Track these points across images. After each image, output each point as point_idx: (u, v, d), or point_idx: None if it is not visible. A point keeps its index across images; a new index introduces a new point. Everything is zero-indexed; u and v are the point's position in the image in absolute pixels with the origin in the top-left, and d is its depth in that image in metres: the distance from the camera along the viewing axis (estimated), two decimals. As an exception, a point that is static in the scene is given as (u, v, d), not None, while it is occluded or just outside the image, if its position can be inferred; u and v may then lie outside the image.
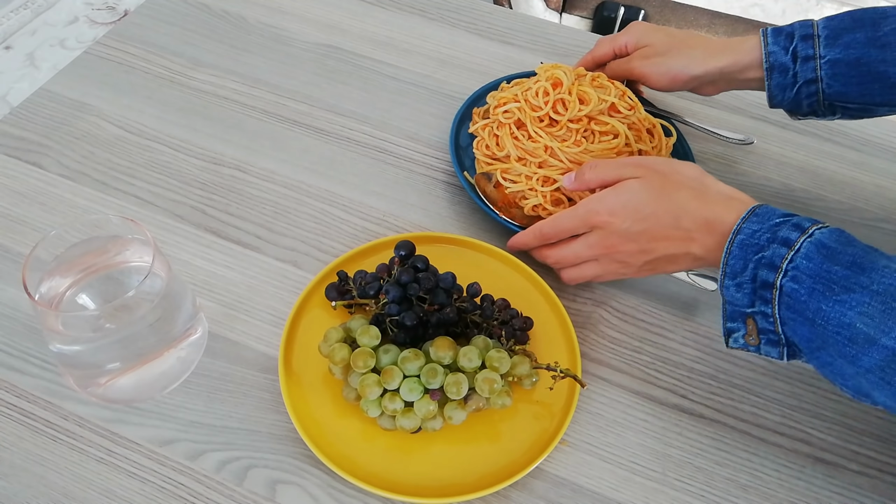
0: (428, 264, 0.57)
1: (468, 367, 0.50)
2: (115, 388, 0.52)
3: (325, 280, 0.59)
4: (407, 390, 0.50)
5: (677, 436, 0.55)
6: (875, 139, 0.78)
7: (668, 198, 0.52)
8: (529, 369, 0.52)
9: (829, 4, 1.40)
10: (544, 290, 0.60)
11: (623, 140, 0.65)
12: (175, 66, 0.79)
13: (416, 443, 0.53)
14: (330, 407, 0.54)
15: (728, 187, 0.52)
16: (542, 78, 0.69)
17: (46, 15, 0.86)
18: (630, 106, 0.68)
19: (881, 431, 0.56)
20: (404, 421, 0.50)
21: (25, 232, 0.63)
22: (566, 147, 0.65)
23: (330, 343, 0.52)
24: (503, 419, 0.54)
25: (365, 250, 0.62)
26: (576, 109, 0.66)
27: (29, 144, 0.70)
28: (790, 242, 0.45)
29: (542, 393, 0.55)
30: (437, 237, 0.63)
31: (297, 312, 0.57)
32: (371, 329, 0.52)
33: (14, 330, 0.57)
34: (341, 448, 0.51)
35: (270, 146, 0.72)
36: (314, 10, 0.87)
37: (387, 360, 0.51)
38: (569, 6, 1.58)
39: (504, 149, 0.67)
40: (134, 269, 0.52)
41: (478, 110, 0.73)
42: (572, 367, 0.56)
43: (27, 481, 0.50)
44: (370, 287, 0.56)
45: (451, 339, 0.51)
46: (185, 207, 0.66)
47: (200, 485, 0.51)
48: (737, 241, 0.47)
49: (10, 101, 0.76)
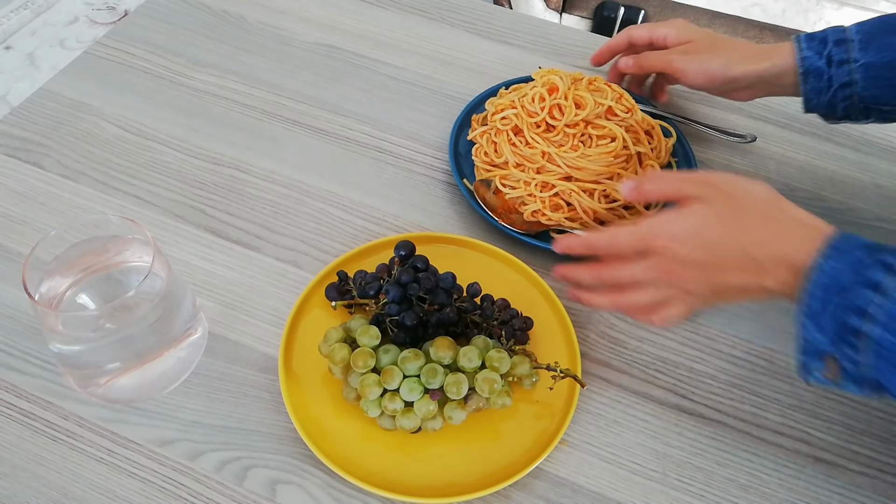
0: (428, 264, 0.57)
1: (468, 367, 0.50)
2: (115, 388, 0.52)
3: (325, 280, 0.59)
4: (407, 390, 0.50)
5: (677, 436, 0.55)
6: (875, 139, 0.78)
7: (736, 225, 0.47)
8: (529, 369, 0.52)
9: (828, 4, 1.40)
10: (544, 289, 0.60)
11: (620, 143, 0.65)
12: (175, 66, 0.79)
13: (415, 443, 0.53)
14: (330, 407, 0.54)
15: (802, 212, 0.47)
16: (539, 83, 0.69)
17: (46, 15, 0.86)
18: (627, 108, 0.68)
19: (881, 431, 0.56)
20: (404, 421, 0.50)
21: (25, 232, 0.63)
22: (563, 152, 0.65)
23: (330, 343, 0.52)
24: (503, 419, 0.54)
25: (365, 250, 0.62)
26: (572, 114, 0.66)
27: (29, 144, 0.70)
28: (879, 286, 0.41)
29: (542, 393, 0.55)
30: (437, 237, 0.63)
31: (297, 312, 0.57)
32: (371, 329, 0.52)
33: (14, 330, 0.57)
34: (341, 448, 0.51)
35: (270, 146, 0.72)
36: (314, 10, 0.87)
37: (387, 360, 0.51)
38: (569, 6, 1.58)
39: (502, 155, 0.67)
40: (134, 269, 0.52)
41: (476, 117, 0.73)
42: (572, 367, 0.56)
43: (27, 481, 0.50)
44: (370, 287, 0.56)
45: (451, 339, 0.51)
46: (185, 207, 0.66)
47: (200, 485, 0.51)
48: (816, 280, 0.43)
49: (10, 101, 0.76)
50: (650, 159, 0.67)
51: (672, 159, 0.71)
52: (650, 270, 0.49)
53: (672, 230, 0.48)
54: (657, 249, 0.48)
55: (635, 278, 0.50)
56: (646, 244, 0.49)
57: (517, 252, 0.63)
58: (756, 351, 0.60)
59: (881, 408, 0.57)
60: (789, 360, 0.60)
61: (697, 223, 0.48)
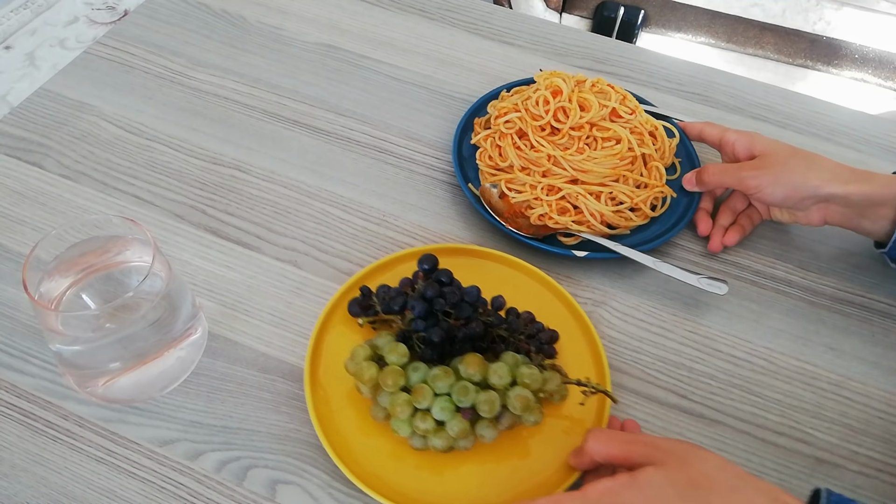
0: (452, 278, 0.55)
1: (499, 384, 0.49)
2: (115, 388, 0.52)
3: (347, 295, 0.58)
4: (438, 409, 0.48)
5: (677, 436, 0.55)
6: (875, 139, 0.78)
7: (696, 497, 0.42)
8: (560, 385, 0.51)
9: (828, 5, 1.40)
10: (566, 299, 0.59)
11: (626, 145, 0.65)
12: (175, 66, 0.79)
13: (445, 461, 0.51)
14: (355, 423, 0.53)
15: (766, 484, 0.42)
16: (542, 86, 0.68)
17: (46, 15, 0.86)
18: (631, 110, 0.68)
19: (881, 431, 0.56)
20: (436, 440, 0.49)
21: (25, 232, 0.63)
22: (569, 155, 0.65)
23: (357, 361, 0.51)
24: (531, 434, 0.53)
25: (386, 263, 0.60)
26: (577, 117, 0.65)
27: (29, 144, 0.70)
28: None
29: (570, 407, 0.54)
30: (451, 248, 0.62)
31: (320, 328, 0.56)
32: (399, 346, 0.51)
33: (14, 330, 0.57)
34: (369, 466, 0.50)
35: (270, 146, 0.72)
36: (314, 10, 0.87)
37: (416, 379, 0.50)
38: (569, 6, 1.58)
39: (507, 159, 0.67)
40: (134, 269, 0.52)
41: (479, 120, 0.72)
42: (600, 380, 0.55)
43: (27, 481, 0.50)
44: (394, 302, 0.55)
45: (481, 356, 0.50)
46: (185, 207, 0.66)
47: (200, 485, 0.51)
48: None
49: (10, 101, 0.76)
50: (655, 160, 0.67)
51: (676, 160, 0.71)
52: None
53: (628, 501, 0.42)
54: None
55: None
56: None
57: (523, 255, 0.63)
58: (756, 351, 0.60)
59: (881, 408, 0.57)
60: (789, 360, 0.60)
61: (658, 494, 0.42)
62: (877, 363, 0.60)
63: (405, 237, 0.66)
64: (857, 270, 0.66)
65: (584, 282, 0.64)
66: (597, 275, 0.64)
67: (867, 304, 0.64)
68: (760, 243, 0.68)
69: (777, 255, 0.67)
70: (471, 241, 0.66)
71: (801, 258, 0.67)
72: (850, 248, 0.67)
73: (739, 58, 1.51)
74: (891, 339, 0.62)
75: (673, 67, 0.85)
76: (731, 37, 1.49)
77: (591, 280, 0.64)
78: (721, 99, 0.81)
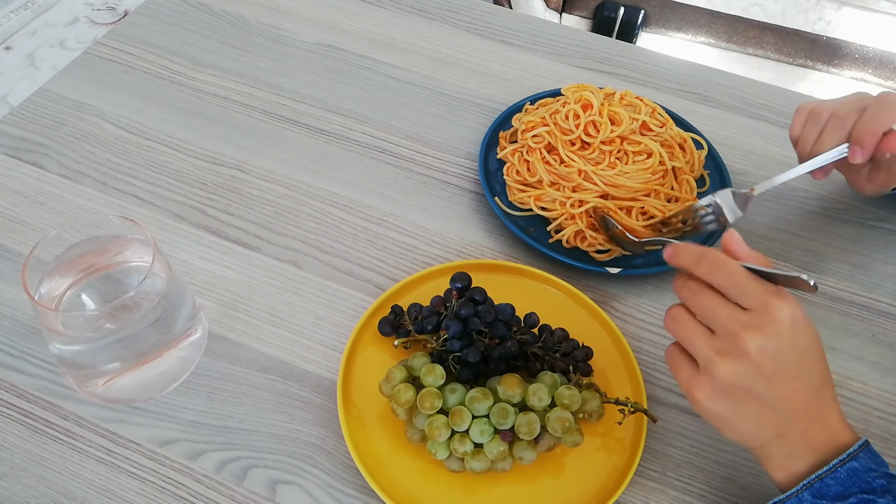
0: (486, 296, 0.55)
1: (538, 405, 0.48)
2: (115, 388, 0.52)
3: (377, 314, 0.57)
4: (478, 432, 0.48)
5: (677, 436, 0.55)
6: (875, 139, 0.78)
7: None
8: (599, 405, 0.50)
9: (828, 4, 1.40)
10: (597, 313, 0.58)
11: (657, 159, 0.64)
12: (175, 66, 0.79)
13: (481, 482, 0.50)
14: (387, 443, 0.52)
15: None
16: (571, 100, 0.67)
17: (47, 15, 0.86)
18: (661, 123, 0.67)
19: (881, 431, 0.56)
20: (474, 463, 0.48)
21: (25, 232, 0.63)
22: (601, 170, 0.64)
23: (393, 384, 0.50)
24: (567, 454, 0.52)
25: (414, 281, 0.59)
26: (608, 131, 0.65)
27: (29, 144, 0.70)
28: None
29: (607, 426, 0.53)
30: (476, 265, 0.61)
31: (351, 348, 0.55)
32: (436, 368, 0.50)
33: (14, 330, 0.57)
34: (405, 488, 0.50)
35: (270, 146, 0.72)
36: (314, 10, 0.87)
37: (454, 401, 0.49)
38: (569, 6, 1.58)
39: (536, 174, 0.66)
40: (134, 269, 0.52)
41: (504, 134, 0.71)
42: (636, 395, 0.54)
43: (27, 481, 0.50)
44: (428, 322, 0.54)
45: (519, 377, 0.49)
46: (185, 207, 0.66)
47: (200, 485, 0.51)
48: (846, 467, 0.43)
49: (10, 101, 0.76)
50: (685, 174, 0.67)
51: (705, 172, 0.70)
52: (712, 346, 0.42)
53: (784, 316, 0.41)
54: (764, 326, 0.41)
55: (718, 319, 0.42)
56: (764, 308, 0.41)
57: (547, 268, 0.62)
58: (756, 351, 0.60)
59: (880, 407, 0.57)
60: (789, 359, 0.60)
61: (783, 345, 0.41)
62: (877, 363, 0.60)
63: (405, 237, 0.66)
64: (857, 270, 0.66)
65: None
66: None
67: (867, 304, 0.64)
68: (760, 244, 0.67)
69: (777, 255, 0.67)
70: (477, 241, 0.66)
71: (801, 258, 0.67)
72: (850, 248, 0.67)
73: (739, 58, 1.51)
74: (891, 339, 0.62)
75: (673, 67, 0.85)
76: (731, 37, 1.49)
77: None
78: (721, 99, 0.81)
